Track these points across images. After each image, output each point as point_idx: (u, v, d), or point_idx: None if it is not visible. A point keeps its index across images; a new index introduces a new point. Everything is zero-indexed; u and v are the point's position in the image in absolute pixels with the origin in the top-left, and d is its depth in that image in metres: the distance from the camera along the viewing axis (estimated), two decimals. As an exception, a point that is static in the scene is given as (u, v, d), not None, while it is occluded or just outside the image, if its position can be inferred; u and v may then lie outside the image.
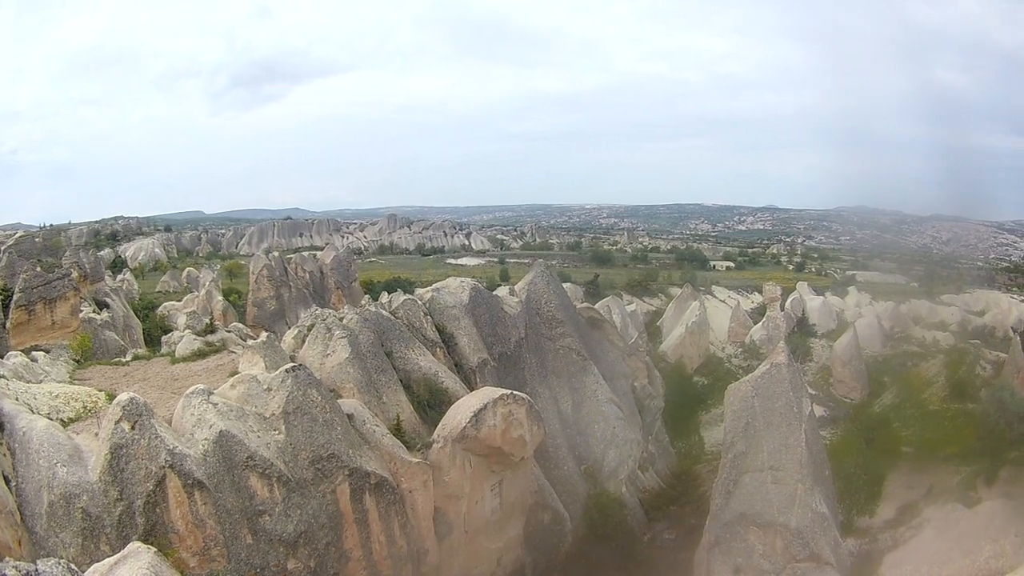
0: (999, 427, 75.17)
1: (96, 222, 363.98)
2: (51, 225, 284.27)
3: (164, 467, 36.75)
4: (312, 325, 58.27)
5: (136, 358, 67.20)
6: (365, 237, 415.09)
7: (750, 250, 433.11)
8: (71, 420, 43.86)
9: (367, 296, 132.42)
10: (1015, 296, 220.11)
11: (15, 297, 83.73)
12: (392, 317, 62.36)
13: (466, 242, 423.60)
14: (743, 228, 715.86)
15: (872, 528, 67.06)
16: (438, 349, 63.37)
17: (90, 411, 45.52)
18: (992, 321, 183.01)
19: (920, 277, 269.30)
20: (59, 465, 36.49)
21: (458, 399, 54.64)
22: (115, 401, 38.95)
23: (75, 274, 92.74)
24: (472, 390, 57.93)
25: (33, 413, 41.37)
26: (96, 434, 40.27)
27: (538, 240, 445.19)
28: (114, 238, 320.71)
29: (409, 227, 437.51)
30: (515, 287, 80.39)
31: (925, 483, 73.21)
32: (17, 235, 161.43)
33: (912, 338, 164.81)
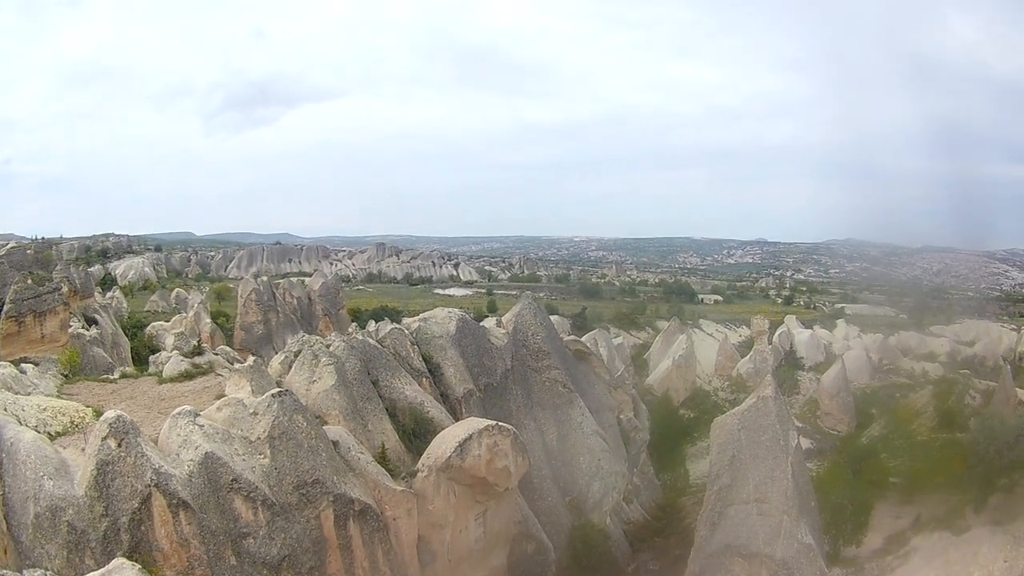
0: (988, 455, 75.43)
1: (87, 238, 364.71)
2: (43, 238, 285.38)
3: (149, 486, 36.88)
4: (299, 351, 58.66)
5: (124, 376, 67.72)
6: (353, 265, 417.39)
7: (738, 283, 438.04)
8: (58, 434, 44.07)
9: (354, 324, 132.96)
10: (1005, 325, 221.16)
11: (5, 308, 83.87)
12: (379, 345, 62.71)
13: (454, 272, 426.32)
14: (732, 261, 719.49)
15: (859, 558, 67.40)
16: (424, 379, 63.74)
17: (77, 426, 45.69)
18: (983, 351, 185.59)
19: (909, 309, 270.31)
20: (45, 478, 36.63)
21: (443, 429, 55.00)
22: (102, 418, 39.13)
23: (65, 289, 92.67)
24: (457, 420, 58.20)
25: (21, 425, 41.50)
26: (82, 449, 40.43)
27: (526, 272, 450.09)
28: (104, 255, 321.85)
29: (397, 256, 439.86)
30: (502, 318, 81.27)
31: (913, 513, 73.60)
32: (9, 246, 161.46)
33: (901, 370, 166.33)
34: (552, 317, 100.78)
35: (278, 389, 47.55)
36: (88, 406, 49.92)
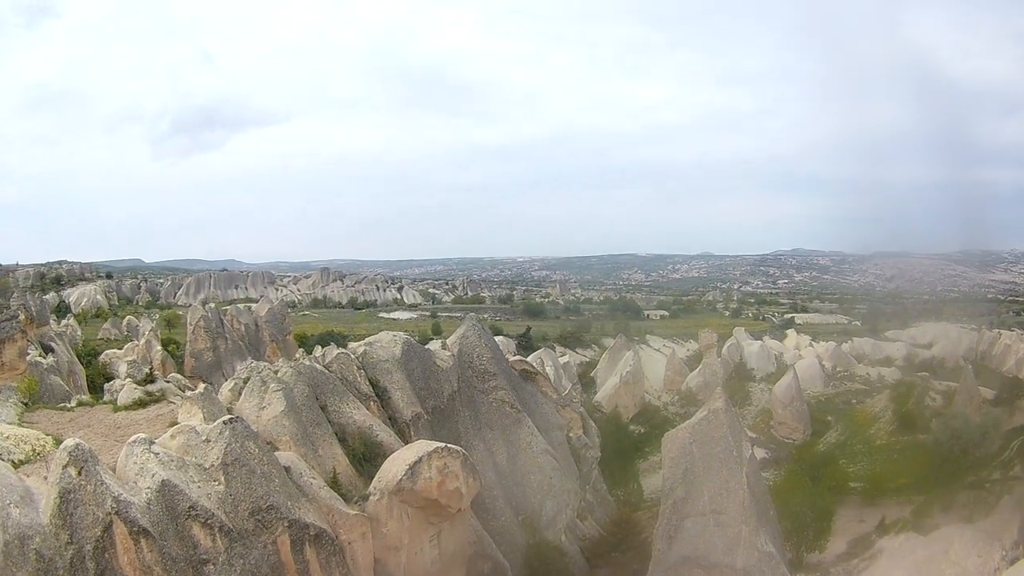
0: (953, 455, 76.18)
1: (42, 265, 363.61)
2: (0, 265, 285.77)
3: (110, 513, 37.56)
4: (248, 378, 59.13)
5: (80, 404, 68.12)
6: (299, 290, 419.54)
7: (685, 298, 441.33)
8: (21, 462, 44.69)
9: (301, 349, 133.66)
10: (964, 326, 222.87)
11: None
12: (326, 371, 63.26)
13: (398, 296, 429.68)
14: (678, 276, 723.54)
15: (823, 563, 68.46)
16: (372, 402, 64.29)
17: (39, 454, 46.41)
18: (941, 352, 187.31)
19: (863, 315, 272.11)
20: (12, 506, 37.16)
21: (393, 452, 55.66)
22: (61, 446, 39.89)
23: (22, 316, 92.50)
24: (407, 443, 58.83)
25: (-15, 453, 41.96)
26: (45, 477, 40.88)
27: (470, 293, 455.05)
28: (58, 282, 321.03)
29: (342, 280, 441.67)
30: (447, 341, 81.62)
31: (877, 515, 74.82)
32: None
33: (855, 376, 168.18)
34: (497, 338, 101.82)
35: (229, 416, 48.16)
36: (48, 434, 50.42)
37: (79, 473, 38.08)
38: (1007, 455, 77.89)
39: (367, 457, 56.83)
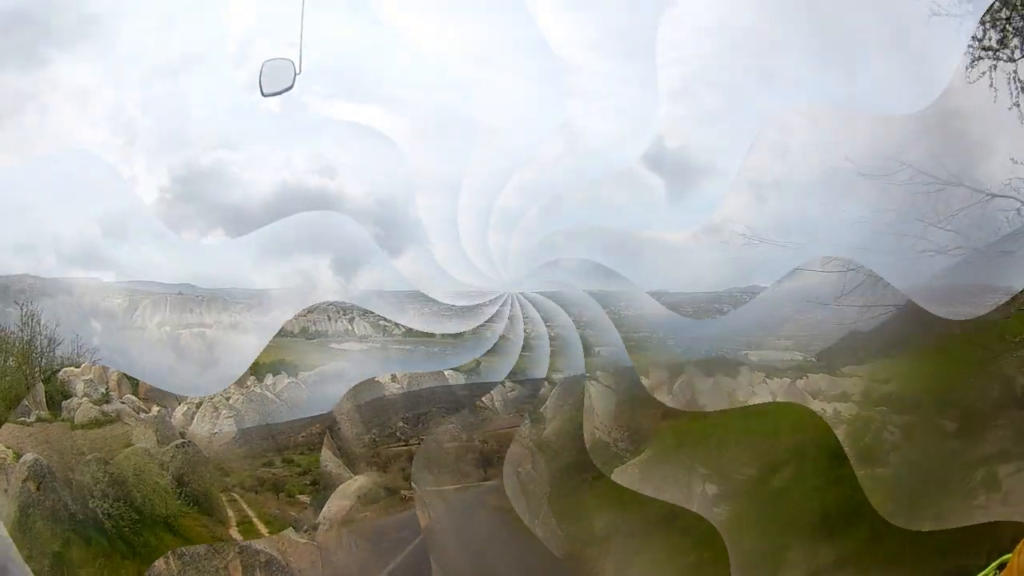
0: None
1: (5, 277, 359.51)
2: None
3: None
4: (200, 403, 59.67)
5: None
6: (251, 317, 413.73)
7: (635, 335, 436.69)
8: (-17, 472, 45.01)
9: (253, 377, 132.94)
10: (925, 359, 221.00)
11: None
12: (277, 399, 63.83)
13: (349, 327, 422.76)
14: (629, 313, 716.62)
15: (776, 597, 67.84)
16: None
17: (-1, 465, 46.69)
18: (901, 386, 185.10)
19: (819, 352, 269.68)
20: (-26, 515, 37.80)
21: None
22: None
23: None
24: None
25: (-51, 462, 42.57)
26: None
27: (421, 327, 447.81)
28: (22, 295, 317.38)
29: (294, 309, 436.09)
30: (397, 374, 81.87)
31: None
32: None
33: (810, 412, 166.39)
34: (446, 372, 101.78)
35: (182, 440, 48.95)
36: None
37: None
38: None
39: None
